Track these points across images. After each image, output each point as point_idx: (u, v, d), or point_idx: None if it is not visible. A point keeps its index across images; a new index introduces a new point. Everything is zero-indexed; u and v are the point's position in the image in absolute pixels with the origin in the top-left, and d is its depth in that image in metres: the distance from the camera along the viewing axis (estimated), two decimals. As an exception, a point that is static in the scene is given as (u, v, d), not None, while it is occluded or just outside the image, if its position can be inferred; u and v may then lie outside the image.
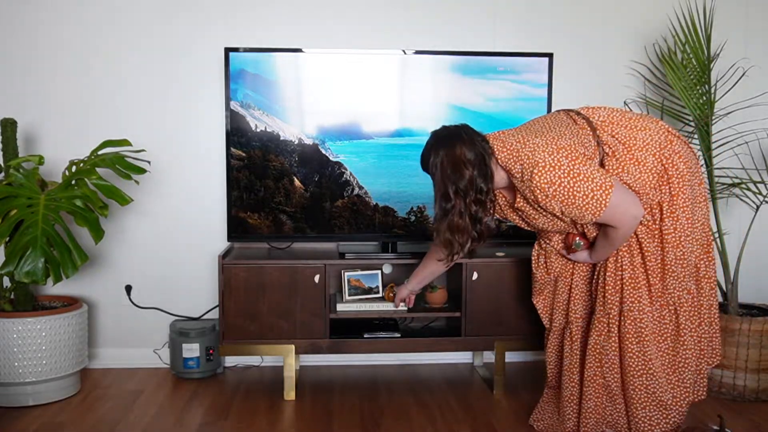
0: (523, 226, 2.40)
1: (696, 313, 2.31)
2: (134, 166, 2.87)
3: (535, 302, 2.59)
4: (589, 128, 2.22)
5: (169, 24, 3.16)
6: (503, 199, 2.35)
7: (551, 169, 2.10)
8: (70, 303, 2.98)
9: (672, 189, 2.20)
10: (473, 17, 3.24)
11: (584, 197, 2.10)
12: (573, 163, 2.10)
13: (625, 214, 2.15)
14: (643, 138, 2.20)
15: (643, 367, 2.27)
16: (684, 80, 3.04)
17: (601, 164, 2.19)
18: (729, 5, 3.29)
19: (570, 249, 2.38)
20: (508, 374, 3.03)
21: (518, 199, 2.26)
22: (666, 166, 2.20)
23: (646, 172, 2.18)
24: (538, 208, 2.21)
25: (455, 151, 2.19)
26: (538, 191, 2.13)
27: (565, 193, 2.10)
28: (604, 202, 2.09)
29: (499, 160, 2.21)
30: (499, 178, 2.26)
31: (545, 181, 2.11)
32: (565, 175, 2.09)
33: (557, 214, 2.17)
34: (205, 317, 3.27)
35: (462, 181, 2.17)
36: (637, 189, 2.18)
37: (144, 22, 3.15)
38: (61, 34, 3.14)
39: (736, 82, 3.13)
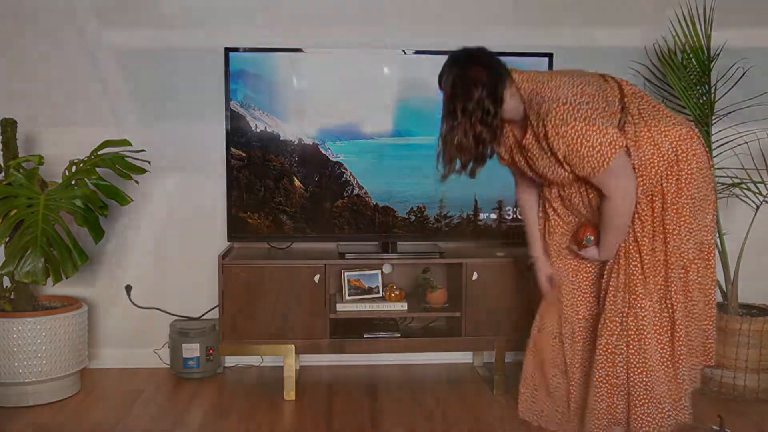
0: (526, 170, 2.39)
1: (687, 313, 2.30)
2: (134, 166, 2.88)
3: (541, 312, 2.54)
4: (618, 92, 2.22)
5: (170, 23, 3.16)
6: (513, 137, 2.35)
7: (570, 108, 2.10)
8: (70, 303, 2.98)
9: (680, 183, 2.21)
10: (473, 17, 3.24)
11: (590, 148, 2.10)
12: (592, 111, 2.11)
13: (620, 185, 2.15)
14: (666, 123, 2.21)
15: (643, 363, 2.26)
16: (684, 80, 3.04)
17: (621, 129, 2.19)
18: (729, 5, 3.29)
19: (581, 245, 2.37)
20: (508, 374, 3.03)
21: (527, 135, 2.25)
22: (679, 157, 2.20)
23: (658, 155, 2.18)
24: (544, 147, 2.20)
25: (467, 71, 2.20)
26: (550, 126, 2.13)
27: (574, 137, 2.10)
28: (607, 160, 2.10)
29: (521, 89, 2.21)
30: (512, 107, 2.24)
31: (560, 118, 2.11)
32: (581, 119, 2.09)
33: (560, 157, 2.16)
34: (205, 317, 3.27)
35: (470, 102, 2.18)
36: (642, 170, 2.19)
37: (144, 21, 3.15)
38: (60, 34, 3.13)
39: (736, 82, 3.13)
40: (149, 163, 2.96)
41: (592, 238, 2.33)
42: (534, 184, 2.49)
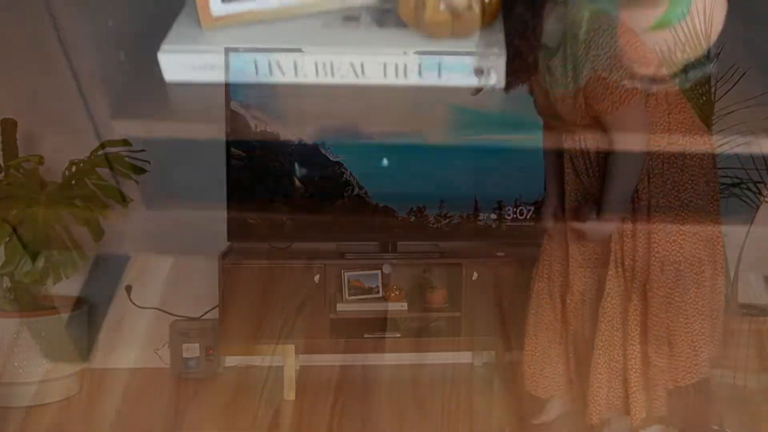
0: (539, 99, 2.40)
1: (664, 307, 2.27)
2: (134, 166, 2.87)
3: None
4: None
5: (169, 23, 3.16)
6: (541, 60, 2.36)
7: (610, 37, 2.11)
8: (70, 303, 2.98)
9: (682, 177, 2.22)
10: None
11: (615, 81, 2.10)
12: (630, 53, 2.13)
13: (631, 131, 2.16)
14: (685, 116, 2.25)
15: (627, 349, 2.27)
16: (684, 80, 3.03)
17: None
18: (729, 5, 3.28)
19: (582, 215, 2.34)
20: (507, 374, 3.03)
21: (558, 56, 2.24)
22: (687, 153, 2.22)
23: (668, 141, 2.21)
24: (568, 72, 2.20)
25: None
26: (583, 45, 2.13)
27: (605, 65, 2.11)
28: (627, 98, 2.11)
29: (568, 12, 2.21)
30: (554, 29, 2.23)
31: (595, 43, 2.11)
32: (613, 52, 2.10)
33: (581, 83, 2.16)
34: (205, 317, 3.27)
35: (511, 15, 2.19)
36: (649, 147, 2.20)
37: (144, 21, 3.15)
38: (60, 34, 3.13)
39: (736, 82, 3.12)
40: (149, 163, 2.96)
41: (595, 207, 2.31)
42: (555, 136, 2.48)
